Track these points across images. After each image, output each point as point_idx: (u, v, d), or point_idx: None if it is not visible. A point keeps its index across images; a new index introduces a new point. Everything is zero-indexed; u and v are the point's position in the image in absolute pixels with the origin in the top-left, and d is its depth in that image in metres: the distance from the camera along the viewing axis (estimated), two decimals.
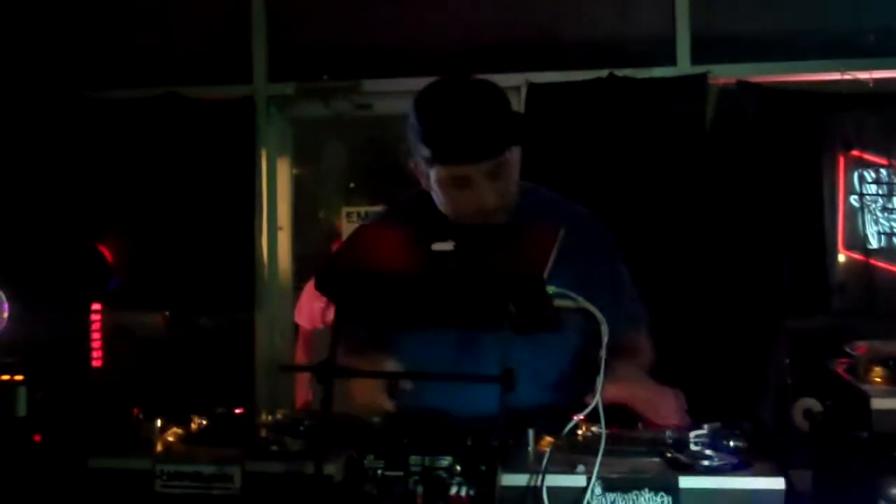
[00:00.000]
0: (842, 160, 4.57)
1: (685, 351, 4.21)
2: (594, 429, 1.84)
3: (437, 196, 2.23)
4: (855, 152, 4.55)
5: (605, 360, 1.79)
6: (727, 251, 4.47)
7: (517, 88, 4.73)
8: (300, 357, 4.75)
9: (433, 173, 2.19)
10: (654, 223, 4.49)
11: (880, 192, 4.55)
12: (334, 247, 4.93)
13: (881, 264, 4.53)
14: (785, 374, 4.04)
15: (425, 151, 2.16)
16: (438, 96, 2.19)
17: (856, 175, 4.56)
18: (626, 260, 2.47)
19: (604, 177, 4.56)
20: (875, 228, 4.55)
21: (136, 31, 5.18)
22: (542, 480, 1.68)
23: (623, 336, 2.07)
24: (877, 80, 4.52)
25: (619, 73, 4.68)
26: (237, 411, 2.13)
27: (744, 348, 4.36)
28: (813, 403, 2.08)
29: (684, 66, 4.73)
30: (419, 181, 2.28)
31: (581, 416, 1.81)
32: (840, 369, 2.06)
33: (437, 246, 1.84)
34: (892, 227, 4.54)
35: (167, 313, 5.34)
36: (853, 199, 4.57)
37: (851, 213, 4.56)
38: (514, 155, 2.23)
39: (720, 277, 4.44)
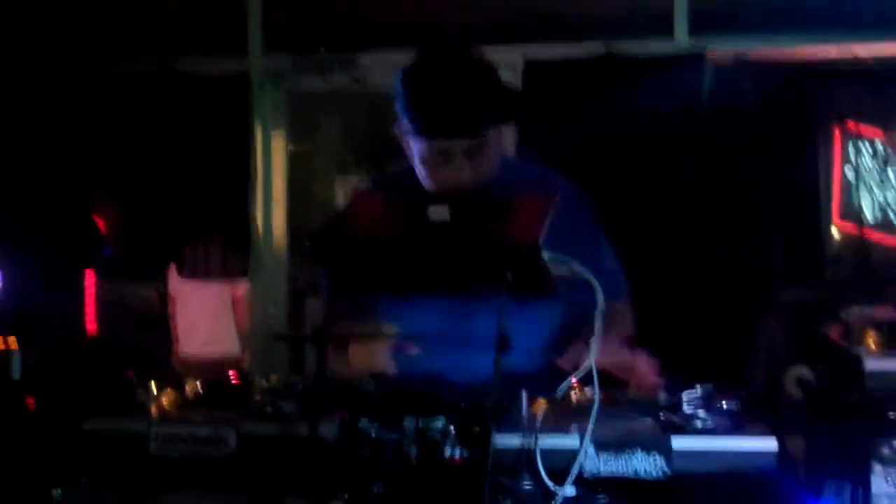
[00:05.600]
0: (837, 132, 4.57)
1: (681, 321, 4.23)
2: (587, 391, 1.85)
3: (417, 166, 2.24)
4: (851, 125, 4.55)
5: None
6: (723, 221, 4.47)
7: (513, 62, 4.70)
8: None
9: (414, 144, 2.20)
10: (652, 195, 4.48)
11: (875, 164, 4.56)
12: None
13: (875, 235, 4.54)
14: (778, 344, 4.05)
15: (407, 122, 2.17)
16: (425, 69, 2.19)
17: (851, 147, 4.57)
18: (624, 233, 2.47)
19: (601, 150, 4.55)
20: (870, 200, 4.55)
21: (132, 5, 5.13)
22: (536, 442, 1.69)
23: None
24: (873, 54, 4.51)
25: (616, 47, 4.66)
26: (231, 376, 2.13)
27: (738, 318, 4.38)
28: (805, 371, 2.09)
29: (682, 38, 4.71)
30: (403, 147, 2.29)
31: (574, 378, 1.82)
32: (834, 334, 2.08)
33: (434, 213, 1.84)
34: (886, 199, 4.54)
35: (161, 289, 5.32)
36: (848, 171, 4.58)
37: (847, 185, 4.57)
38: (498, 133, 2.21)
39: (716, 247, 4.45)
